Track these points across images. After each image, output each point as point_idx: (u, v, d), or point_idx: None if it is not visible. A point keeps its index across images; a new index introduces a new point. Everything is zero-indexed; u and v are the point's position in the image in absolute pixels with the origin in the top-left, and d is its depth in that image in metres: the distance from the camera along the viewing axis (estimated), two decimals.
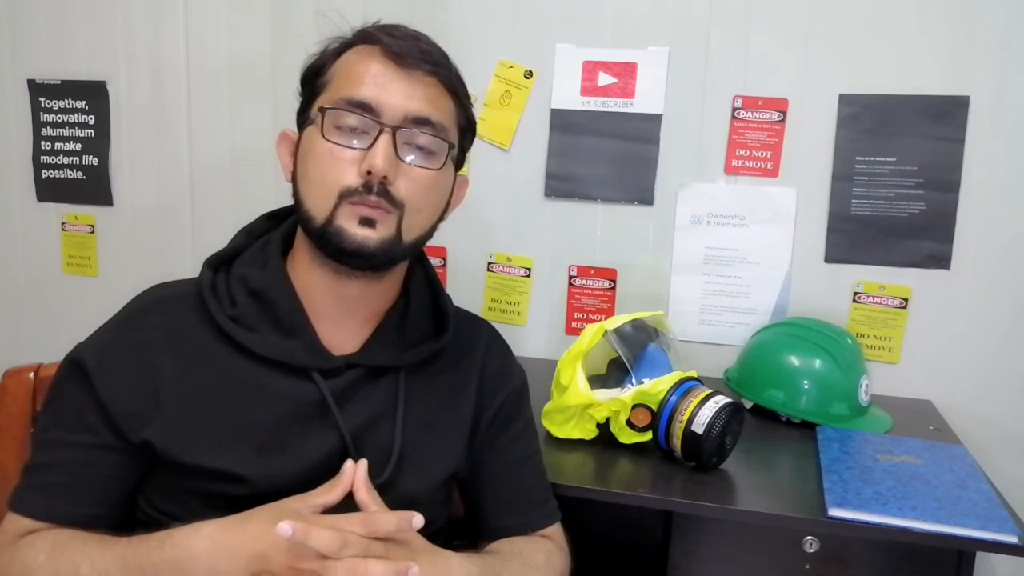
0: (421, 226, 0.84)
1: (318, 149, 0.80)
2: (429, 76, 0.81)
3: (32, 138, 1.87)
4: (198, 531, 0.74)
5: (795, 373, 1.36)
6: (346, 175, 0.78)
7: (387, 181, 0.78)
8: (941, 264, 1.50)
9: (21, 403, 1.00)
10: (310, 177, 0.81)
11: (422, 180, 0.81)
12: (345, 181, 0.78)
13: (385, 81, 0.79)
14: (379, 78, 0.79)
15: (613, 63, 1.58)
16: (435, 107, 0.81)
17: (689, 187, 1.58)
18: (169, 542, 0.74)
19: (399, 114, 0.79)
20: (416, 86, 0.80)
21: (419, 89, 0.80)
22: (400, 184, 0.79)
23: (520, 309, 1.70)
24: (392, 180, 0.78)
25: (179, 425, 0.79)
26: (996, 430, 1.49)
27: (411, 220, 0.81)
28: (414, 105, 0.80)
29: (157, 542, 0.74)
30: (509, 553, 0.89)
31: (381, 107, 0.79)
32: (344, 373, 0.84)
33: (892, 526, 0.97)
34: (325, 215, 0.79)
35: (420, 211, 0.82)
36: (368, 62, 0.80)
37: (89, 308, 1.87)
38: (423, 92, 0.81)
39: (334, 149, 0.79)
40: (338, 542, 0.70)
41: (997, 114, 1.45)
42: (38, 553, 0.76)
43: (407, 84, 0.80)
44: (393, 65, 0.80)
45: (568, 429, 1.21)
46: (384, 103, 0.79)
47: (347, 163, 0.78)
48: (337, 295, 0.85)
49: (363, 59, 0.81)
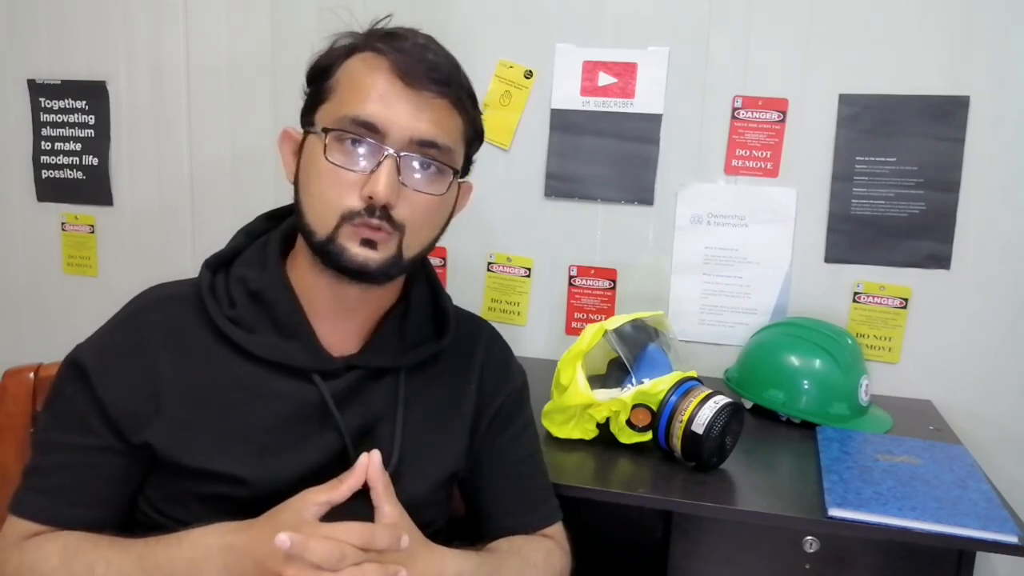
0: (422, 243, 0.83)
1: (321, 166, 0.78)
2: (437, 97, 0.79)
3: (32, 138, 1.87)
4: (213, 530, 0.75)
5: (795, 373, 1.36)
6: (348, 198, 0.77)
7: (389, 207, 0.77)
8: (941, 264, 1.50)
9: (21, 403, 1.00)
10: (312, 192, 0.80)
11: (424, 204, 0.80)
12: (347, 204, 0.77)
13: (392, 100, 0.77)
14: (386, 97, 0.77)
15: (613, 63, 1.58)
16: (441, 128, 0.79)
17: (689, 187, 1.58)
18: (186, 541, 0.74)
19: (404, 136, 0.78)
20: (423, 106, 0.78)
21: (426, 111, 0.78)
22: (402, 208, 0.78)
23: (520, 309, 1.70)
24: (394, 205, 0.78)
25: (179, 426, 0.79)
26: (996, 430, 1.49)
27: (412, 239, 0.81)
28: (420, 127, 0.78)
29: (175, 541, 0.75)
30: (507, 551, 0.90)
31: (387, 128, 0.77)
32: (344, 375, 0.84)
33: (892, 526, 0.97)
34: (326, 233, 0.78)
35: (421, 230, 0.82)
36: (375, 76, 0.78)
37: (89, 308, 1.87)
38: (430, 114, 0.78)
39: (338, 171, 0.78)
40: (336, 555, 0.70)
41: (997, 114, 1.45)
42: (49, 556, 0.76)
43: (413, 104, 0.78)
44: (400, 83, 0.77)
45: (568, 429, 1.21)
46: (390, 124, 0.77)
47: (349, 185, 0.77)
48: (337, 297, 0.84)
49: (370, 72, 0.79)
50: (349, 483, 0.76)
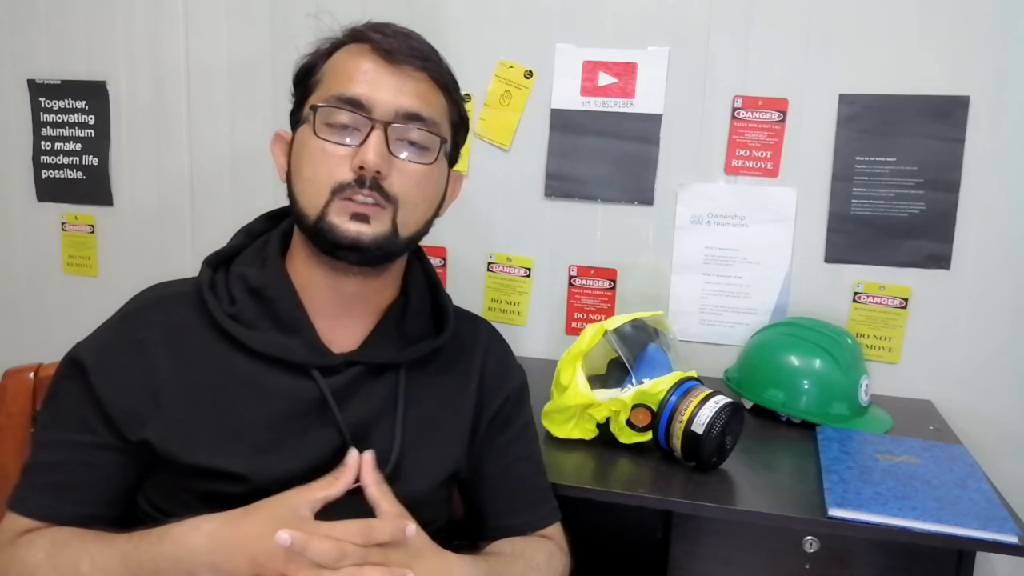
0: (417, 221, 0.84)
1: (311, 146, 0.80)
2: (419, 72, 0.82)
3: (32, 138, 1.87)
4: (197, 528, 0.74)
5: (795, 373, 1.36)
6: (338, 171, 0.79)
7: (380, 176, 0.78)
8: (941, 264, 1.50)
9: (21, 403, 1.00)
10: (303, 175, 0.81)
11: (415, 175, 0.81)
12: (337, 177, 0.78)
13: (375, 78, 0.80)
14: (369, 75, 0.80)
15: (613, 63, 1.58)
16: (426, 102, 0.82)
17: (689, 187, 1.58)
18: (168, 538, 0.74)
19: (390, 110, 0.80)
20: (406, 82, 0.81)
21: (409, 85, 0.81)
22: (393, 179, 0.80)
23: (520, 309, 1.70)
24: (385, 175, 0.79)
25: (178, 424, 0.79)
26: (996, 430, 1.49)
27: (406, 215, 0.81)
28: (405, 100, 0.80)
29: (156, 538, 0.74)
30: (511, 554, 0.89)
31: (372, 103, 0.79)
32: (344, 371, 0.84)
33: (892, 526, 0.97)
34: (317, 211, 0.79)
35: (415, 205, 0.82)
36: (359, 60, 0.81)
37: (89, 308, 1.87)
38: (413, 87, 0.81)
39: (326, 146, 0.79)
40: (336, 553, 0.70)
41: (997, 114, 1.45)
42: (37, 551, 0.76)
43: (397, 80, 0.80)
44: (383, 62, 0.80)
45: (568, 429, 1.21)
46: (375, 99, 0.79)
47: (339, 159, 0.79)
48: (336, 292, 0.84)
49: (353, 57, 0.82)
50: (344, 479, 0.77)
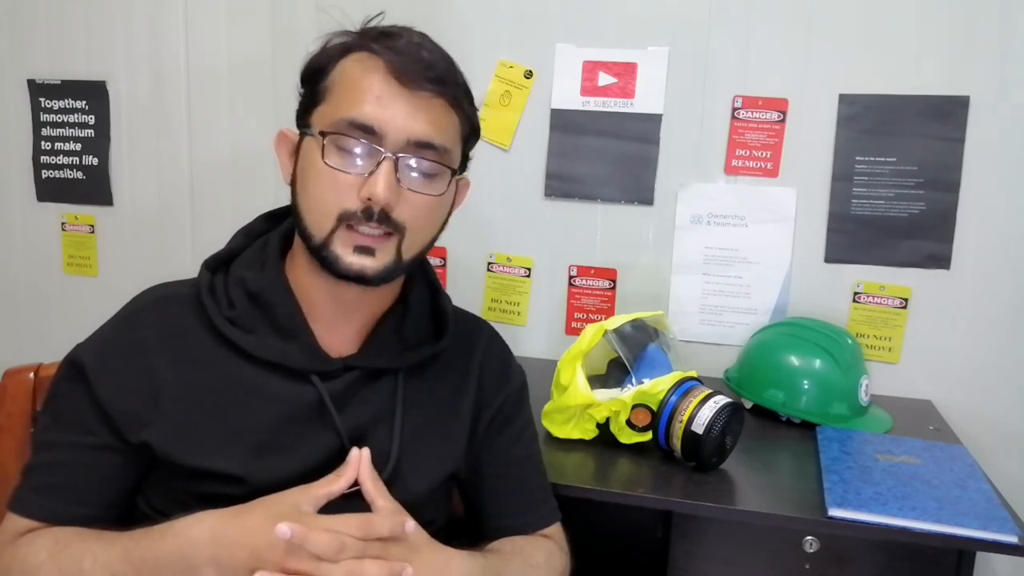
0: (422, 243, 0.83)
1: (318, 168, 0.78)
2: (434, 97, 0.79)
3: (32, 138, 1.87)
4: (199, 522, 0.74)
5: (795, 373, 1.36)
6: (346, 199, 0.77)
7: (388, 209, 0.77)
8: (941, 264, 1.50)
9: (21, 403, 1.00)
10: (310, 193, 0.80)
11: (423, 205, 0.80)
12: (345, 204, 0.77)
13: (388, 102, 0.77)
14: (382, 98, 0.77)
15: (613, 63, 1.58)
16: (438, 128, 0.79)
17: (689, 187, 1.58)
18: (170, 533, 0.74)
19: (401, 137, 0.77)
20: (419, 107, 0.78)
21: (422, 111, 0.78)
22: (402, 210, 0.78)
23: (520, 309, 1.70)
24: (393, 207, 0.78)
25: (177, 426, 0.79)
26: (996, 430, 1.49)
27: (412, 240, 0.81)
28: (417, 128, 0.78)
29: (158, 534, 0.74)
30: (510, 552, 0.90)
31: (383, 130, 0.77)
32: (342, 375, 0.84)
33: (892, 526, 0.97)
34: (322, 236, 0.78)
35: (421, 229, 0.82)
36: (370, 78, 0.78)
37: (89, 308, 1.87)
38: (426, 115, 0.78)
39: (335, 174, 0.77)
40: (336, 545, 0.70)
41: (997, 114, 1.45)
42: (39, 551, 0.76)
43: (410, 105, 0.77)
44: (396, 84, 0.77)
45: (568, 429, 1.21)
46: (386, 126, 0.77)
47: (347, 187, 0.77)
48: (335, 298, 0.84)
49: (365, 73, 0.78)
50: (347, 476, 0.77)
